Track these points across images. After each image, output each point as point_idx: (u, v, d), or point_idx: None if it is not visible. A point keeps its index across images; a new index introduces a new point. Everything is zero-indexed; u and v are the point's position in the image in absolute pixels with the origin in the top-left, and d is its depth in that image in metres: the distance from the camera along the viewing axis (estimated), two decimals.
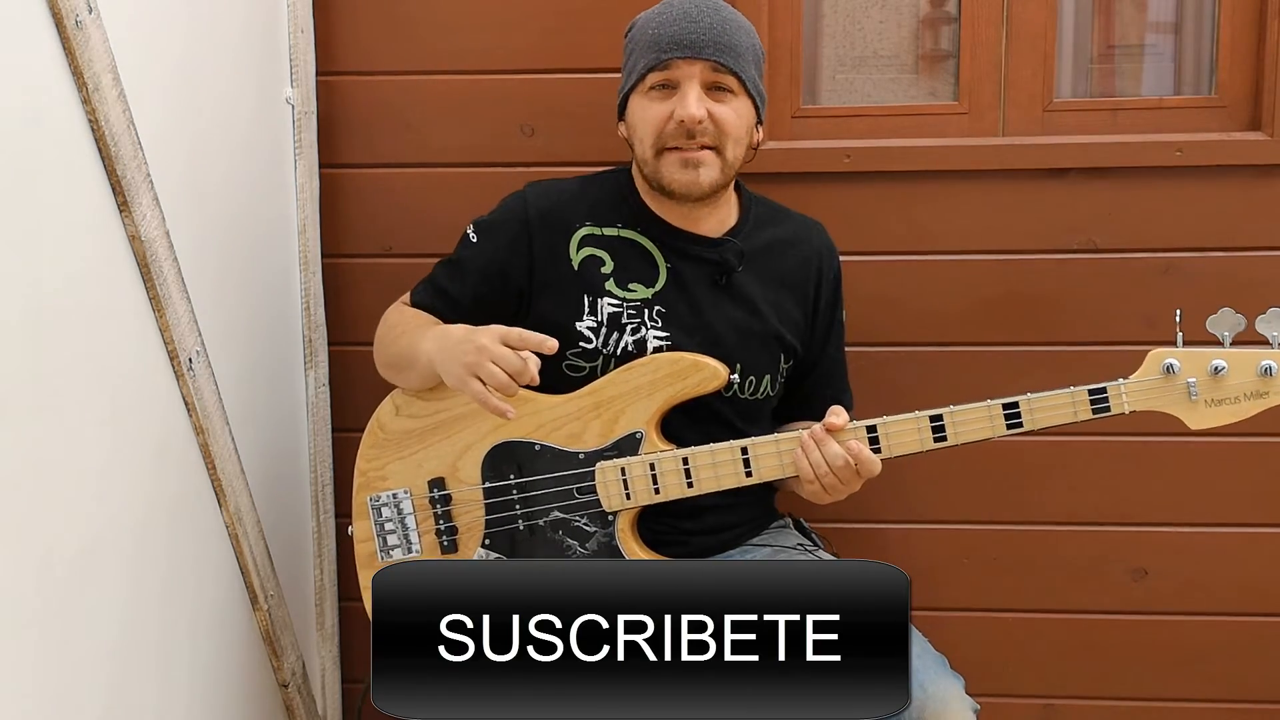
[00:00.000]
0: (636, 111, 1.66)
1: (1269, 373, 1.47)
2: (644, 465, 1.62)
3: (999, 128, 2.08)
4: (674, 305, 1.68)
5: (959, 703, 1.51)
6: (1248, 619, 2.13)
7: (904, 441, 1.56)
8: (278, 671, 1.98)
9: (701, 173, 1.63)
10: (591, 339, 1.67)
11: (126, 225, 1.50)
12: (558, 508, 1.66)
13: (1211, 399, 1.50)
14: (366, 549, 1.76)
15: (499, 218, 1.75)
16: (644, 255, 1.70)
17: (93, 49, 1.38)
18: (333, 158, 2.11)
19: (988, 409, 1.54)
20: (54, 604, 1.37)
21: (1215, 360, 1.49)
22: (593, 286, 1.68)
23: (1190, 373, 1.50)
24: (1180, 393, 1.51)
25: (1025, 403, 1.53)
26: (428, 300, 1.76)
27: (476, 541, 1.70)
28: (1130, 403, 1.52)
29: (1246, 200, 2.02)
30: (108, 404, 1.48)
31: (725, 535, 1.74)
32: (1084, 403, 1.52)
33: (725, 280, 1.70)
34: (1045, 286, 2.06)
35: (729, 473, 1.60)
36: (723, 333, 1.69)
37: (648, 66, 1.63)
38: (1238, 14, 2.03)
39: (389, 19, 2.09)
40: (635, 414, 1.63)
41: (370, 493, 1.75)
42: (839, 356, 1.83)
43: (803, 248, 1.76)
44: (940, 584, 2.16)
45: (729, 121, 1.63)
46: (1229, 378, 1.49)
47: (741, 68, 1.63)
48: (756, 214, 1.76)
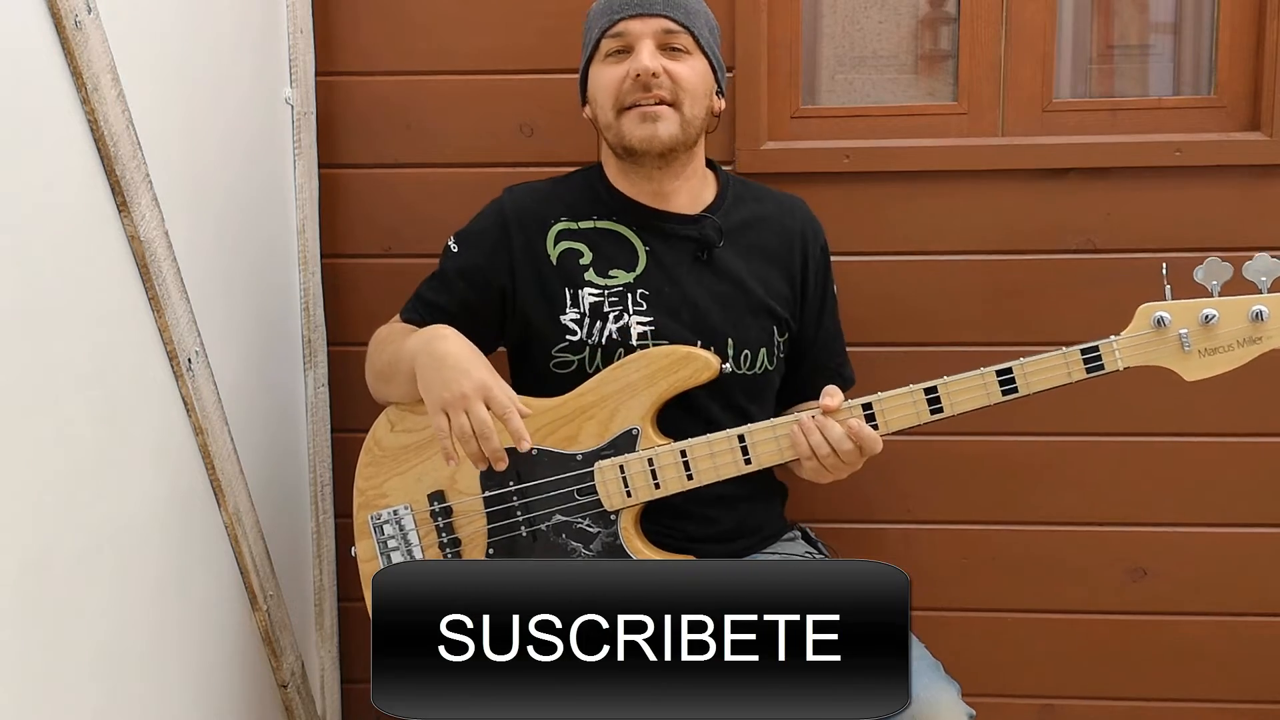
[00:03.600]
0: (596, 80, 1.69)
1: (1260, 317, 1.46)
2: (642, 461, 1.62)
3: (998, 128, 2.08)
4: (657, 287, 1.68)
5: (951, 709, 1.50)
6: (1247, 619, 2.13)
7: (901, 416, 1.55)
8: (277, 672, 1.98)
9: (660, 126, 1.63)
10: (576, 331, 1.68)
11: (126, 225, 1.50)
12: (559, 511, 1.65)
13: (1205, 349, 1.48)
14: (370, 568, 1.73)
15: (479, 225, 1.76)
16: (622, 242, 1.71)
17: (92, 49, 1.38)
18: (332, 158, 2.12)
19: (982, 376, 1.53)
20: (52, 603, 1.37)
21: (1206, 309, 1.48)
22: (572, 279, 1.69)
23: (1181, 324, 1.49)
24: (1173, 345, 1.49)
25: (1019, 367, 1.52)
26: (416, 316, 1.76)
27: (480, 552, 1.68)
28: (1124, 359, 1.50)
29: (1246, 200, 2.03)
30: (107, 404, 1.48)
31: (733, 545, 1.73)
32: (1077, 362, 1.51)
33: (706, 256, 1.70)
34: (1045, 286, 2.06)
35: (727, 461, 1.60)
36: (708, 308, 1.68)
37: (602, 30, 1.67)
38: (1237, 14, 2.03)
39: (388, 19, 2.09)
40: (630, 411, 1.63)
41: (371, 511, 1.73)
42: (836, 330, 1.83)
43: (784, 223, 1.77)
44: (940, 584, 2.16)
45: (685, 77, 1.65)
46: (1220, 326, 1.48)
47: (694, 25, 1.66)
48: (735, 191, 1.77)
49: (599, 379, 1.65)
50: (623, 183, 1.73)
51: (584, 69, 1.73)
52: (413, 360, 1.60)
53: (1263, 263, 1.46)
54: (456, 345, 1.59)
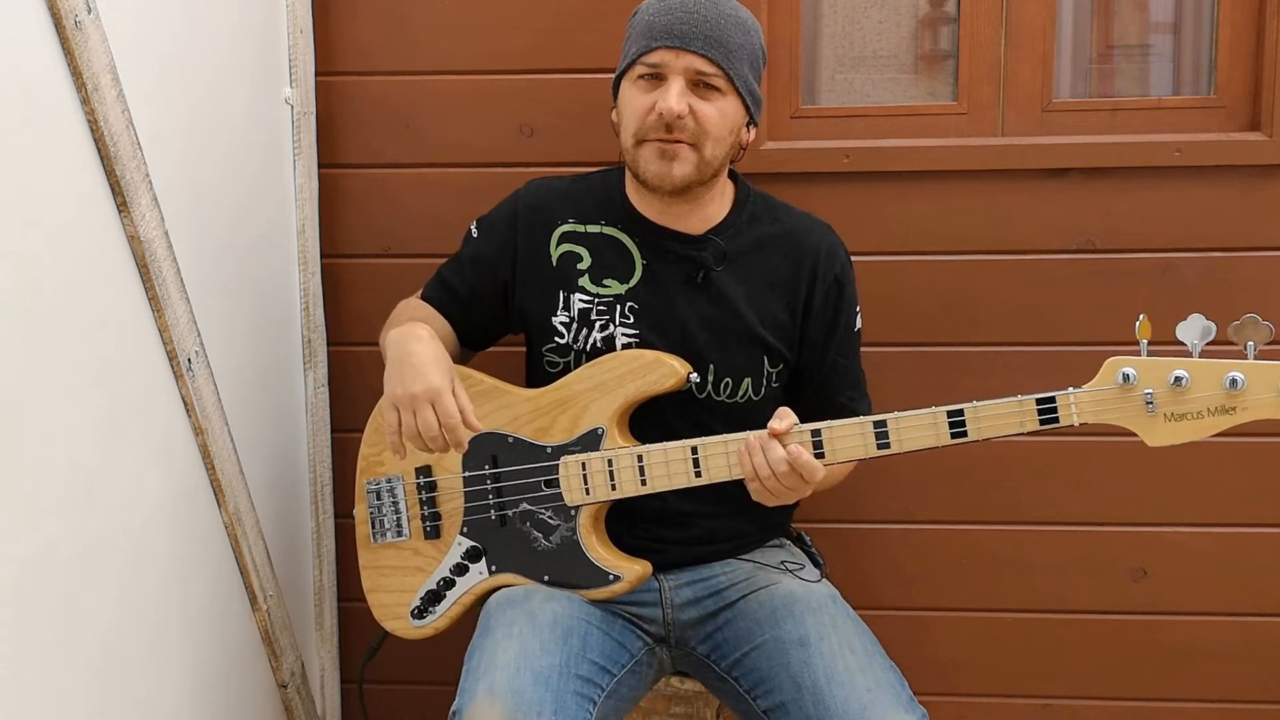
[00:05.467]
0: (624, 97, 1.67)
1: (1236, 385, 1.33)
2: (603, 461, 1.64)
3: (998, 128, 2.08)
4: (647, 302, 1.68)
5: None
6: (1247, 619, 2.13)
7: (848, 446, 1.50)
8: (277, 672, 1.98)
9: (675, 166, 1.61)
10: (564, 334, 1.70)
11: (125, 225, 1.50)
12: (526, 499, 1.69)
13: (1172, 413, 1.37)
14: (364, 530, 1.82)
15: (497, 214, 1.79)
16: (622, 252, 1.71)
17: (92, 49, 1.38)
18: (332, 158, 2.11)
19: (933, 416, 1.47)
20: (52, 603, 1.37)
21: (1176, 370, 1.35)
22: (567, 282, 1.71)
23: (1148, 383, 1.37)
24: (1137, 405, 1.37)
25: (971, 410, 1.44)
26: (434, 293, 1.80)
27: (456, 529, 1.74)
28: (1081, 414, 1.39)
29: (1245, 200, 2.02)
30: (107, 404, 1.48)
31: (705, 549, 1.72)
32: (1031, 413, 1.41)
33: (702, 278, 1.69)
34: (1045, 286, 2.06)
35: (680, 471, 1.60)
36: (695, 331, 1.68)
37: (638, 52, 1.63)
38: (1237, 14, 2.03)
39: (388, 19, 2.09)
40: (598, 410, 1.65)
41: (369, 477, 1.80)
42: (847, 364, 1.76)
43: (797, 247, 1.72)
44: (939, 584, 2.16)
45: (710, 120, 1.61)
46: (1191, 390, 1.35)
47: (731, 65, 1.61)
48: (752, 210, 1.74)
49: (576, 375, 1.68)
50: (635, 195, 1.72)
51: (617, 77, 1.69)
52: (388, 349, 1.65)
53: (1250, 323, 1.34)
54: (423, 346, 1.60)
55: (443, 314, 1.79)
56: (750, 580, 1.70)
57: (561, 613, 1.60)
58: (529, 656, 1.50)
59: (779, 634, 1.59)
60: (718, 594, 1.70)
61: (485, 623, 1.62)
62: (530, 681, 1.46)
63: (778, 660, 1.56)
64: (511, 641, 1.53)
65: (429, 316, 1.76)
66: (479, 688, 1.45)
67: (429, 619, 1.77)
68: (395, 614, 1.79)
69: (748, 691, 1.60)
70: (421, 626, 1.77)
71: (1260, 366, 1.33)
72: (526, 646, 1.52)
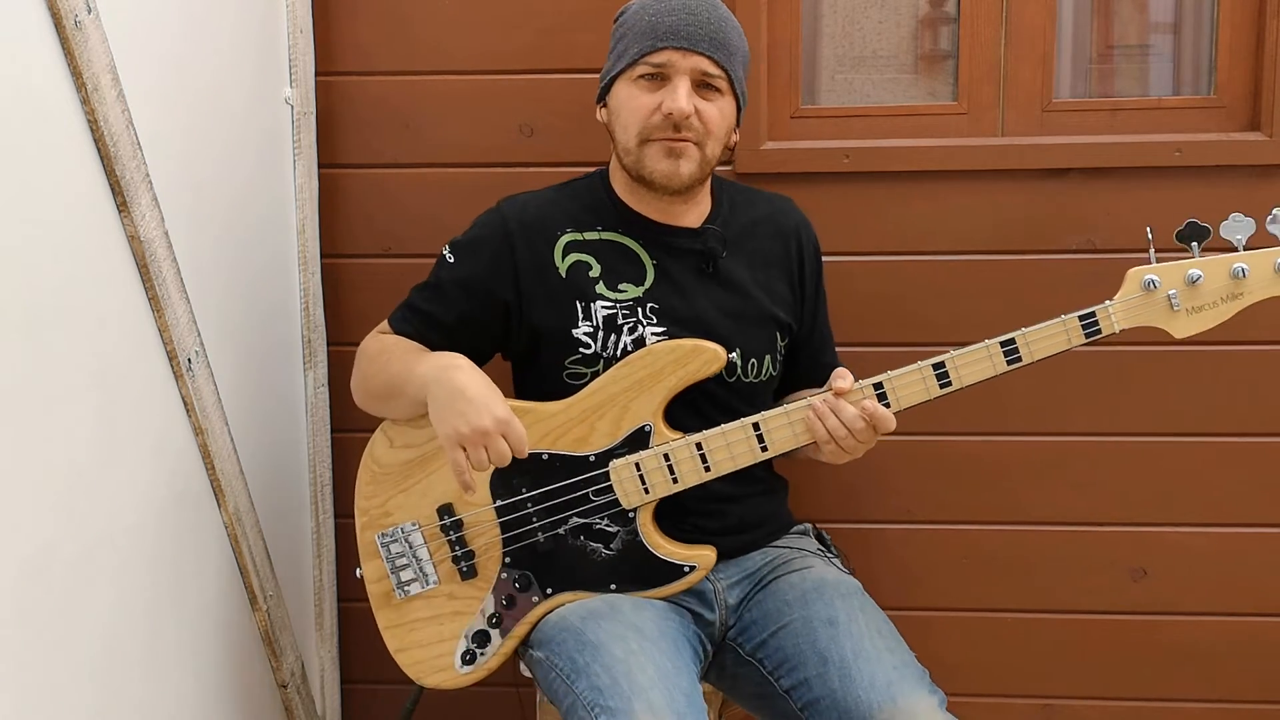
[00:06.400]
0: (622, 97, 1.65)
1: (1241, 274, 1.55)
2: (658, 457, 1.61)
3: (998, 128, 2.08)
4: (666, 300, 1.68)
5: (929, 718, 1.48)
6: (1247, 619, 2.13)
7: (911, 393, 1.58)
8: (276, 672, 1.98)
9: (682, 164, 1.63)
10: (590, 344, 1.66)
11: (126, 225, 1.50)
12: (576, 514, 1.64)
13: (1192, 307, 1.57)
14: (380, 589, 1.71)
15: (478, 235, 1.72)
16: (629, 255, 1.70)
17: (92, 49, 1.38)
18: (332, 158, 2.12)
19: (987, 349, 1.58)
20: (51, 603, 1.37)
21: (1191, 270, 1.56)
22: (583, 292, 1.68)
23: (1170, 285, 1.57)
24: (1163, 305, 1.57)
25: (1021, 336, 1.58)
26: (409, 327, 1.72)
27: (496, 563, 1.66)
28: (1119, 321, 1.57)
29: (1246, 200, 2.02)
30: (107, 404, 1.48)
31: (744, 538, 1.73)
32: (1076, 328, 1.58)
33: (711, 268, 1.70)
34: (1045, 286, 2.06)
35: (743, 450, 1.60)
36: (716, 320, 1.68)
37: (641, 52, 1.62)
38: (1237, 14, 2.03)
39: (388, 19, 2.09)
40: (640, 408, 1.62)
41: (376, 530, 1.70)
42: (827, 325, 1.86)
43: (780, 223, 1.78)
44: (939, 584, 2.16)
45: (713, 120, 1.64)
46: (1205, 284, 1.56)
47: (733, 66, 1.64)
48: (729, 197, 1.77)
49: (605, 379, 1.64)
50: (630, 197, 1.72)
51: (609, 76, 1.68)
52: (423, 388, 1.59)
53: (1238, 221, 1.57)
54: (472, 377, 1.58)
55: (423, 345, 1.70)
56: (785, 563, 1.71)
57: (661, 623, 1.59)
58: (666, 673, 1.48)
59: (808, 614, 1.60)
60: (752, 574, 1.72)
61: (578, 638, 1.55)
62: (685, 703, 1.45)
63: (805, 638, 1.57)
64: (641, 658, 1.49)
65: (410, 349, 1.69)
66: (635, 708, 1.41)
67: (481, 660, 1.67)
68: (437, 667, 1.69)
69: (771, 672, 1.60)
70: (471, 671, 1.67)
71: (1258, 254, 1.56)
72: (658, 663, 1.49)
